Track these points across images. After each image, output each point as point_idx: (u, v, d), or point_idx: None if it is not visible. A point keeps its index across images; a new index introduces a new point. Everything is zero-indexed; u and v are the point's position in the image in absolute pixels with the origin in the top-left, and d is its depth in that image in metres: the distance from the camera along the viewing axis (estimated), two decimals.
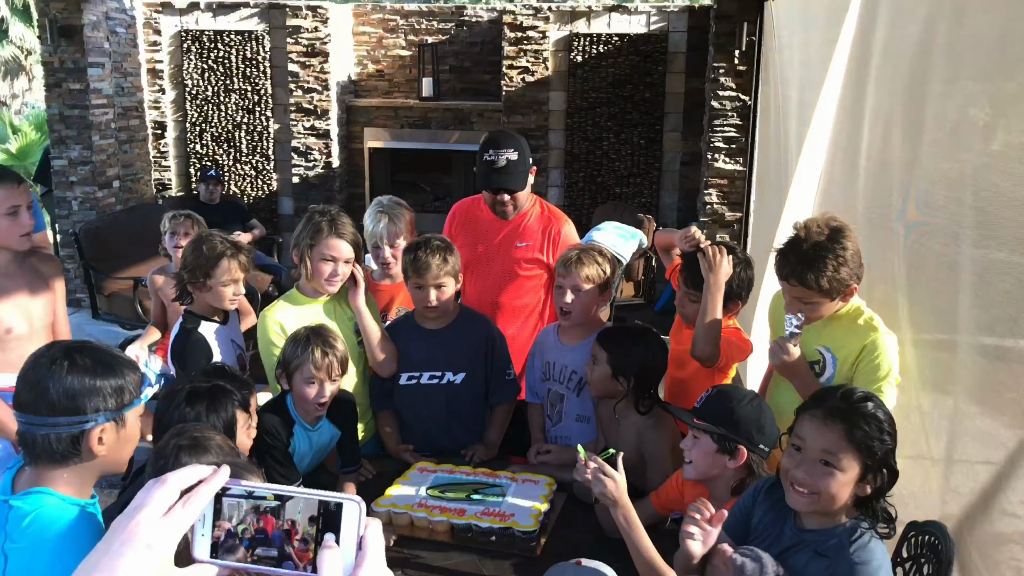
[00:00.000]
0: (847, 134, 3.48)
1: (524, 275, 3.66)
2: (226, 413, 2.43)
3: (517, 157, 3.54)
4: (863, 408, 1.97)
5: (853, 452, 1.93)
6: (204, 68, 8.94)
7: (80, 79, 7.74)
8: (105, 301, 6.95)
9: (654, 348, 2.98)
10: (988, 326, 2.21)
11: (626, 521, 2.30)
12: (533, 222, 3.69)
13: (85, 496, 1.86)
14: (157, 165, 9.20)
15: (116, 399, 1.80)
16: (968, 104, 2.33)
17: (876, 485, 1.95)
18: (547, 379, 3.30)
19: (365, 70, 9.18)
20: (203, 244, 3.22)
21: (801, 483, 1.99)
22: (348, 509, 0.93)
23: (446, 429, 3.29)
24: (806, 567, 1.98)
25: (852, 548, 1.94)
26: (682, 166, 8.27)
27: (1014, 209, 2.04)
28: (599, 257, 3.20)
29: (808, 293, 2.55)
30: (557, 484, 2.88)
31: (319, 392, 2.84)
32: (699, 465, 2.41)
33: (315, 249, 3.09)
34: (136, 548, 0.87)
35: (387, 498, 2.76)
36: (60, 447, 1.78)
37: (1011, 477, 2.09)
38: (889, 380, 2.52)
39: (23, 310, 2.97)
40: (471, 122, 8.78)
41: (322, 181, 8.97)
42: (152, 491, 0.91)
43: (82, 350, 1.81)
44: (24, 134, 14.61)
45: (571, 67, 8.24)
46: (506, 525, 2.59)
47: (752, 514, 2.18)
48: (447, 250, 3.15)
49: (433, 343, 3.25)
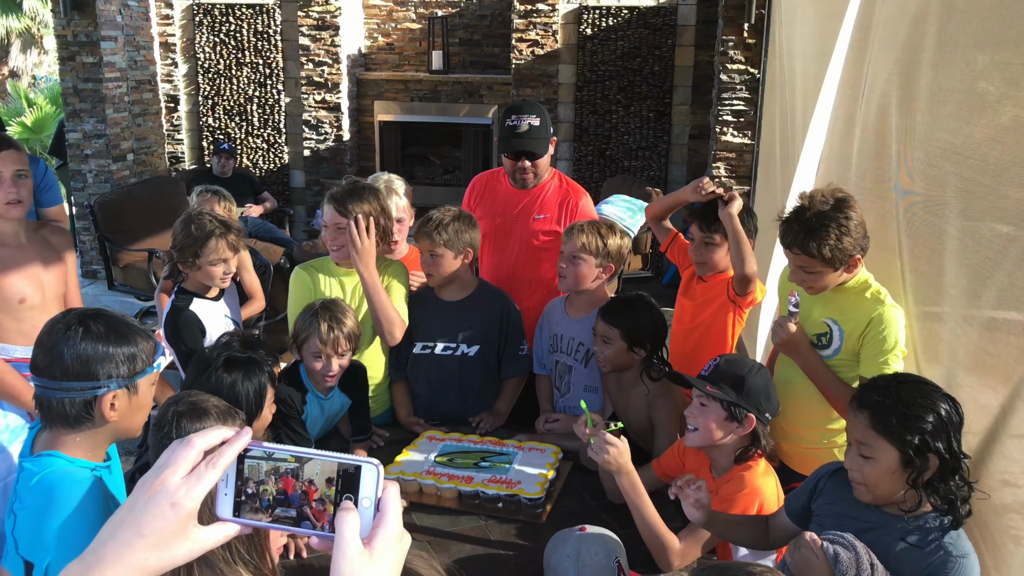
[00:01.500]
0: (846, 107, 3.49)
1: (541, 247, 3.67)
2: (259, 382, 2.51)
3: (539, 123, 3.58)
4: (890, 392, 1.93)
5: (883, 440, 1.89)
6: (216, 41, 8.97)
7: (93, 52, 7.78)
8: (120, 272, 7.03)
9: (655, 312, 3.03)
10: (976, 297, 2.24)
11: (631, 487, 2.36)
12: (551, 194, 3.71)
13: (98, 459, 1.92)
14: (170, 138, 9.26)
15: (129, 366, 1.85)
16: (978, 77, 2.32)
17: (926, 470, 1.87)
18: (555, 351, 3.35)
19: (375, 43, 9.19)
20: (192, 223, 3.23)
21: (852, 476, 1.99)
22: (367, 472, 0.94)
23: (456, 400, 3.35)
24: (899, 555, 1.90)
25: (946, 539, 1.88)
26: (691, 139, 8.27)
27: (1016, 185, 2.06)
28: (604, 229, 3.21)
29: (810, 262, 2.57)
30: (563, 453, 2.95)
31: (326, 366, 2.90)
32: (705, 432, 2.43)
33: (323, 221, 3.18)
34: (160, 505, 0.90)
35: (396, 465, 2.83)
36: (73, 411, 1.83)
37: (1007, 445, 2.12)
38: (895, 353, 2.54)
39: (35, 281, 3.01)
40: (480, 95, 8.79)
41: (333, 154, 9.01)
42: (176, 451, 0.94)
43: (96, 317, 1.85)
44: (40, 107, 14.65)
45: (580, 40, 8.24)
46: (512, 492, 2.66)
47: (813, 499, 2.16)
48: (457, 220, 3.20)
49: (449, 314, 3.31)
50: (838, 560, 1.81)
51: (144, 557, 0.90)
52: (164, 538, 0.91)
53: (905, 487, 1.90)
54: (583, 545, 2.25)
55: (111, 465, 1.99)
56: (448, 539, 2.53)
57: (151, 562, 0.91)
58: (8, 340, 2.97)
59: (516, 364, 3.40)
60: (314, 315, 2.90)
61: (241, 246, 3.35)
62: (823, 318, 2.71)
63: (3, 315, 2.95)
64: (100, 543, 0.91)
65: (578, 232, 3.18)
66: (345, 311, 2.96)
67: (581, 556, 2.23)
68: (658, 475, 2.73)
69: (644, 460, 2.82)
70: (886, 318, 2.55)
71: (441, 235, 3.16)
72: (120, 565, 0.90)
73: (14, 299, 2.94)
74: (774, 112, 5.36)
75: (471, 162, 9.08)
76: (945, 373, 2.42)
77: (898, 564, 1.89)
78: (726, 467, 2.47)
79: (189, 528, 0.92)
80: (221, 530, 0.96)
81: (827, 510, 2.10)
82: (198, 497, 0.92)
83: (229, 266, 3.27)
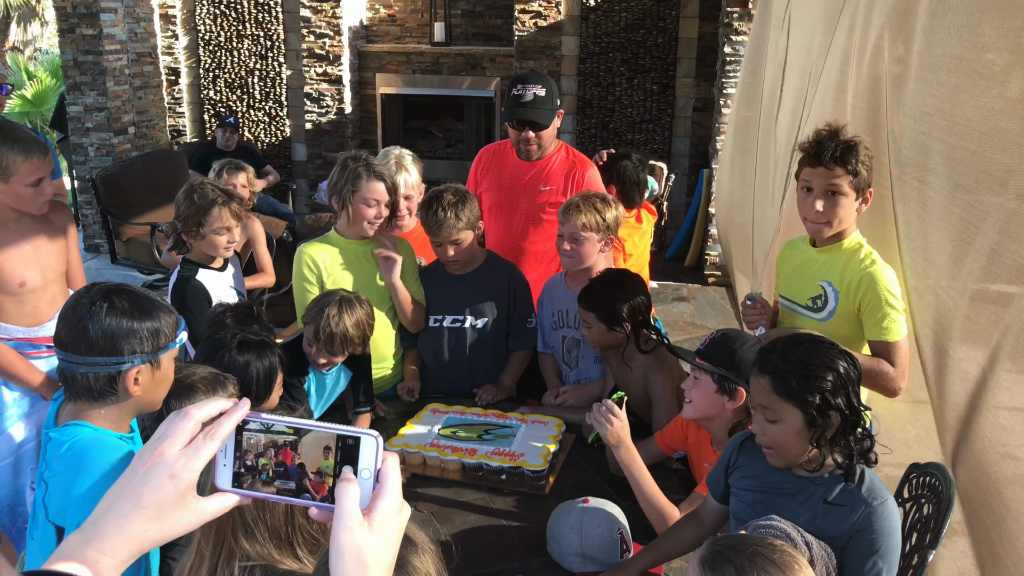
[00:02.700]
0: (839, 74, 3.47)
1: (548, 219, 3.67)
2: (271, 363, 2.52)
3: (544, 94, 3.58)
4: (788, 355, 1.94)
5: (785, 402, 1.91)
6: (216, 13, 8.92)
7: (93, 24, 7.73)
8: (123, 246, 7.03)
9: (632, 286, 3.03)
10: (969, 269, 2.25)
11: (629, 460, 2.40)
12: (557, 166, 3.72)
13: (122, 431, 1.94)
14: (171, 111, 9.22)
15: (152, 342, 1.85)
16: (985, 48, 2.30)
17: (829, 428, 1.90)
18: (559, 327, 3.36)
19: (377, 15, 9.13)
20: (194, 192, 3.24)
21: (760, 440, 2.01)
22: (366, 443, 0.95)
23: (464, 372, 3.37)
24: (824, 515, 1.95)
25: (863, 491, 1.92)
26: (694, 112, 8.22)
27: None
28: (599, 204, 3.20)
29: (840, 181, 2.57)
30: (567, 426, 2.96)
31: (327, 364, 2.93)
32: (698, 405, 2.45)
33: (357, 194, 3.14)
34: (159, 477, 0.91)
35: (400, 438, 2.84)
36: (98, 385, 1.84)
37: (1007, 416, 2.13)
38: (894, 307, 2.56)
39: (36, 263, 3.01)
40: (483, 67, 8.74)
41: (335, 127, 8.97)
42: (174, 423, 0.95)
43: (120, 293, 1.86)
44: (40, 79, 14.60)
45: (584, 11, 8.17)
46: (516, 464, 2.67)
47: (729, 472, 2.18)
48: (459, 204, 3.18)
49: (459, 288, 3.34)
50: None
51: (144, 528, 0.91)
52: (163, 509, 0.91)
53: (810, 447, 1.94)
54: (586, 517, 2.27)
55: (134, 436, 2.01)
56: (452, 511, 2.55)
57: (151, 533, 0.91)
58: (9, 321, 2.98)
59: (524, 337, 3.42)
60: (322, 311, 2.85)
61: (245, 216, 3.35)
62: (818, 280, 2.72)
63: (3, 296, 2.96)
64: (99, 515, 0.92)
65: (575, 212, 3.16)
66: (356, 305, 2.90)
67: (584, 528, 2.25)
68: (661, 447, 2.75)
69: (646, 433, 2.83)
70: (877, 275, 2.58)
71: (458, 222, 3.17)
72: (119, 537, 0.90)
73: (14, 282, 2.94)
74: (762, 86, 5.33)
75: (473, 135, 9.04)
76: (936, 343, 2.43)
77: (824, 523, 1.93)
78: (722, 439, 2.48)
79: (188, 500, 0.93)
80: (221, 500, 0.97)
81: (744, 484, 2.13)
82: (197, 469, 0.93)
83: (233, 235, 3.27)
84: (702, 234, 7.48)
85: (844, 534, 1.92)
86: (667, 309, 6.64)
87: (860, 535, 1.91)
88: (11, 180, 2.86)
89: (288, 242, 5.62)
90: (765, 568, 1.54)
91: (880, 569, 1.91)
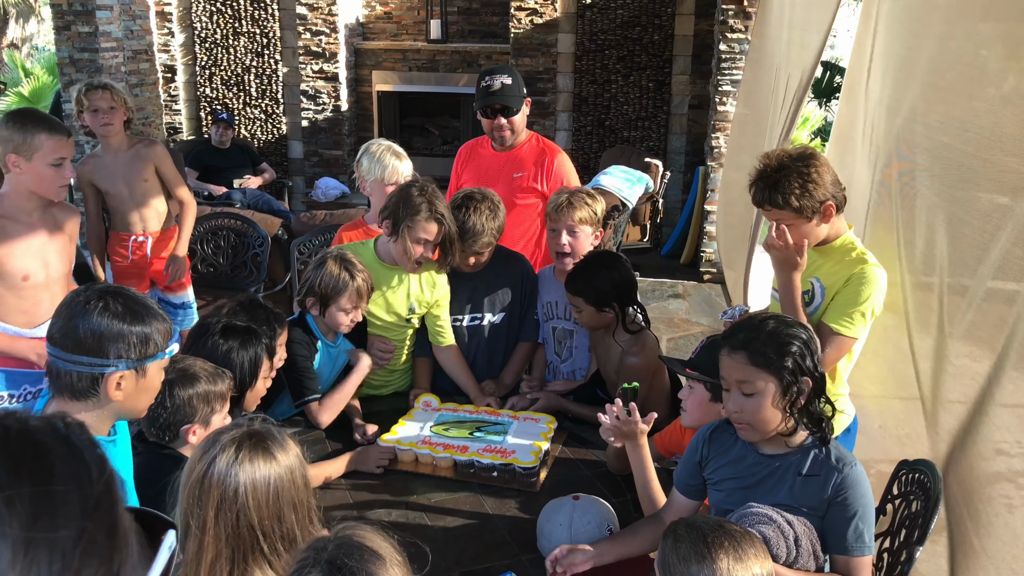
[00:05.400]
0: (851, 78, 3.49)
1: (521, 204, 3.80)
2: (255, 352, 2.52)
3: (511, 82, 3.74)
4: (758, 330, 2.01)
5: (763, 372, 1.97)
6: (212, 11, 8.91)
7: (89, 21, 7.72)
8: None
9: (615, 269, 3.08)
10: (968, 267, 2.25)
11: (639, 458, 2.38)
12: (526, 152, 3.86)
13: (101, 434, 1.92)
14: (168, 109, 9.21)
15: (140, 349, 1.84)
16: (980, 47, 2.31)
17: (802, 393, 1.98)
18: (550, 318, 3.40)
19: (373, 12, 9.12)
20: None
21: (736, 417, 2.05)
22: None
23: (483, 367, 3.42)
24: (799, 488, 2.01)
25: (832, 459, 2.00)
26: (690, 109, 8.23)
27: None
28: (588, 198, 3.29)
29: (783, 214, 2.57)
30: (557, 423, 2.97)
31: (354, 316, 3.01)
32: (694, 414, 2.47)
33: (412, 230, 3.03)
34: None
35: (392, 435, 2.85)
36: (80, 385, 1.83)
37: (999, 415, 2.14)
38: (862, 309, 2.54)
39: (41, 259, 3.02)
40: (479, 64, 8.73)
41: (331, 125, 8.97)
42: None
43: (116, 295, 1.85)
44: (36, 76, 14.57)
45: (580, 8, 8.17)
46: (507, 461, 2.69)
47: (703, 464, 2.21)
48: (492, 216, 3.18)
49: (474, 285, 3.37)
50: (767, 541, 1.85)
51: None
52: None
53: (785, 415, 2.00)
54: (576, 513, 2.28)
55: (116, 439, 2.00)
56: (443, 507, 2.56)
57: None
58: (7, 319, 2.98)
59: (532, 328, 3.47)
60: (340, 272, 2.94)
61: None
62: (808, 277, 2.73)
63: (5, 290, 2.96)
64: None
65: (568, 207, 3.23)
66: (356, 263, 3.00)
67: (574, 524, 2.26)
68: (660, 450, 2.76)
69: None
70: (866, 275, 2.56)
71: (496, 233, 3.21)
72: None
73: (18, 275, 2.95)
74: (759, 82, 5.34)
75: (469, 132, 9.01)
76: (937, 343, 2.44)
77: (803, 496, 2.01)
78: None
79: None
80: None
81: (720, 474, 2.17)
82: None
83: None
84: (698, 231, 7.48)
85: (823, 503, 1.99)
86: (662, 306, 6.65)
87: (837, 501, 1.98)
88: (34, 158, 2.90)
89: (283, 240, 5.61)
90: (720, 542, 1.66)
91: (862, 530, 1.98)
